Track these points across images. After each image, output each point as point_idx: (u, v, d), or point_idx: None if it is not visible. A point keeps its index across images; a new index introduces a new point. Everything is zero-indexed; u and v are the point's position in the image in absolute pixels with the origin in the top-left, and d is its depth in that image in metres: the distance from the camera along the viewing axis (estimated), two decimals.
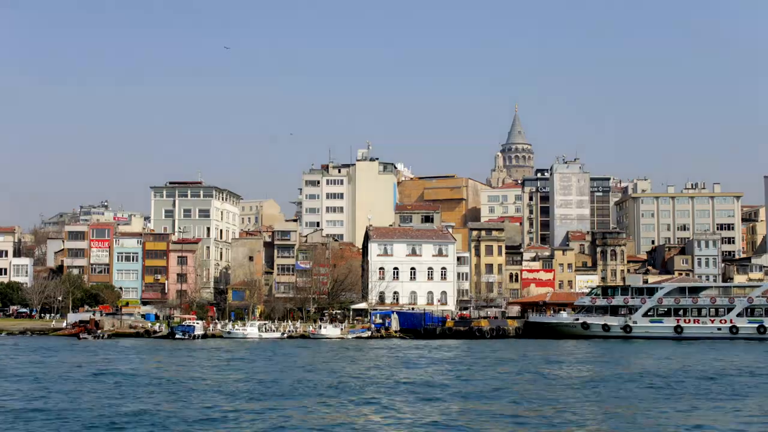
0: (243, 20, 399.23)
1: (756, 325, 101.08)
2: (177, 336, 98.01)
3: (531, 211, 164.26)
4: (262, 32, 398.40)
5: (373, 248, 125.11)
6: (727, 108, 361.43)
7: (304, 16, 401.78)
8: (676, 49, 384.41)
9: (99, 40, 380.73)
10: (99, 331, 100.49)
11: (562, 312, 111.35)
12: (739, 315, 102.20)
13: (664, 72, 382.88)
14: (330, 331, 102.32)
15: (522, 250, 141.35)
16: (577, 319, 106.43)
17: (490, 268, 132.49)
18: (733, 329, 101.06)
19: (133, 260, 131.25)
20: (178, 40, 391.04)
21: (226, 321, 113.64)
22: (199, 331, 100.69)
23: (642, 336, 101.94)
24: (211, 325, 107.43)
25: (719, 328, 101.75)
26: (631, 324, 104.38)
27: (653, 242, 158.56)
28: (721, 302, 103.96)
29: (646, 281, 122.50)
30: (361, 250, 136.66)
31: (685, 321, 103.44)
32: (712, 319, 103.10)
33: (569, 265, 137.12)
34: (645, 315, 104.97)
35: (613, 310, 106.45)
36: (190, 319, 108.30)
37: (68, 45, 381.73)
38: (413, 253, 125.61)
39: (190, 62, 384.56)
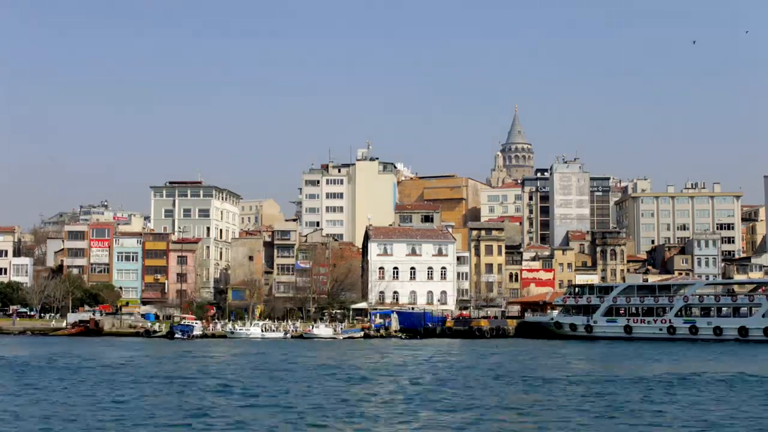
0: (243, 19, 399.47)
1: (689, 325, 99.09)
2: (176, 336, 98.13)
3: (531, 211, 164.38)
4: (262, 31, 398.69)
5: (373, 248, 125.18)
6: (727, 108, 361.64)
7: (304, 15, 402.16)
8: (675, 48, 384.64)
9: (98, 39, 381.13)
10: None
11: (552, 311, 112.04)
12: (676, 315, 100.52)
13: (664, 71, 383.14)
14: (322, 330, 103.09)
15: (522, 249, 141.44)
16: (552, 319, 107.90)
17: (490, 267, 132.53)
18: (671, 329, 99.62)
19: (133, 260, 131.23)
20: (178, 39, 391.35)
21: (226, 321, 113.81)
22: (197, 331, 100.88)
23: (601, 336, 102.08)
24: (210, 325, 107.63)
25: (660, 329, 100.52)
26: (592, 323, 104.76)
27: (653, 242, 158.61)
28: (662, 302, 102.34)
29: (645, 281, 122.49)
30: (360, 250, 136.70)
31: (633, 321, 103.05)
32: (655, 319, 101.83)
33: (569, 265, 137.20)
34: (604, 314, 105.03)
35: (585, 310, 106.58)
36: (188, 318, 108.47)
37: (67, 44, 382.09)
38: (413, 252, 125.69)
39: (190, 61, 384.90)
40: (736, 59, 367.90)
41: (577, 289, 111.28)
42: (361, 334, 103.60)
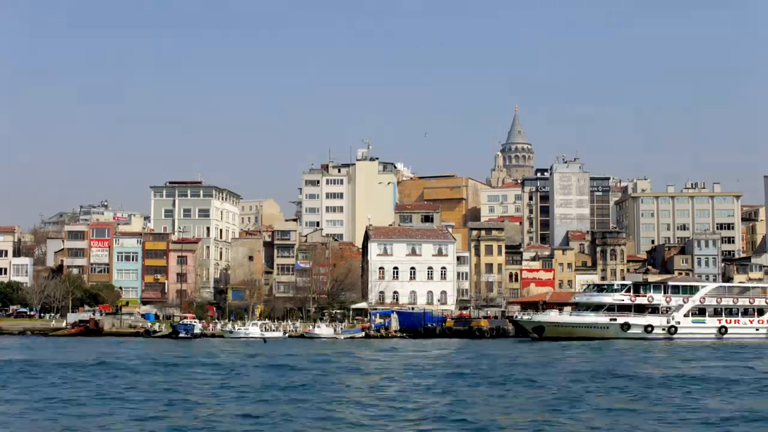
0: (243, 19, 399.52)
1: None
2: (180, 335, 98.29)
3: (531, 211, 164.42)
4: (262, 31, 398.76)
5: (373, 248, 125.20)
6: (727, 108, 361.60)
7: (304, 15, 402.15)
8: (675, 48, 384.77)
9: (98, 39, 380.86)
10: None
11: (557, 310, 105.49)
12: None
13: (664, 71, 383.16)
14: (323, 330, 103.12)
15: (522, 249, 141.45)
16: (615, 319, 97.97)
17: (489, 267, 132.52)
18: None
19: (132, 260, 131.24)
20: (178, 39, 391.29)
21: (226, 321, 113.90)
22: (198, 330, 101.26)
23: (685, 338, 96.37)
24: (210, 325, 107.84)
25: (757, 329, 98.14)
26: (675, 324, 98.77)
27: (653, 242, 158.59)
28: (759, 302, 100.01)
29: (645, 281, 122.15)
30: (360, 250, 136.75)
31: (727, 321, 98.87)
32: (751, 319, 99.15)
33: (569, 265, 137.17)
34: (686, 315, 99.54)
35: (655, 309, 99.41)
36: (189, 318, 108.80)
37: (67, 44, 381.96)
38: (413, 252, 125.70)
39: (190, 61, 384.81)
40: (736, 59, 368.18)
41: (642, 288, 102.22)
42: (363, 334, 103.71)
